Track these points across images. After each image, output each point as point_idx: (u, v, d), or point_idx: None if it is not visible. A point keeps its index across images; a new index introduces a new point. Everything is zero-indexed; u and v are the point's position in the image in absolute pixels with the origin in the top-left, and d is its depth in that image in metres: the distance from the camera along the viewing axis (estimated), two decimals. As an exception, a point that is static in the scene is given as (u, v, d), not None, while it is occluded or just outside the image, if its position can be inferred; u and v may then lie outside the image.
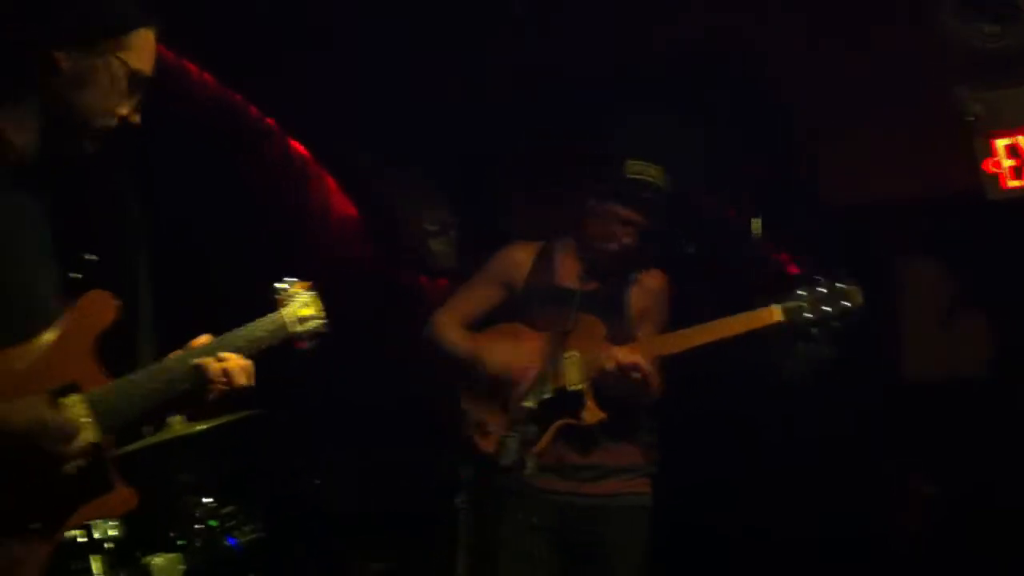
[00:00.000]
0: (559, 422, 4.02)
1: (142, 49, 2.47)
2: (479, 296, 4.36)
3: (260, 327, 2.69)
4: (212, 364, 2.54)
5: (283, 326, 2.73)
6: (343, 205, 6.47)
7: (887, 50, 5.08)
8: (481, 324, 4.35)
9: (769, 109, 5.65)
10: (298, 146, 6.22)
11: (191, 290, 5.01)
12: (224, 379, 2.54)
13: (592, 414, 4.04)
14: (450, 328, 4.30)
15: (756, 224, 5.82)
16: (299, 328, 2.75)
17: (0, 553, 2.33)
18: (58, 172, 2.52)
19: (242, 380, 2.57)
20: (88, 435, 2.39)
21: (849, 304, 3.82)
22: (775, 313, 3.84)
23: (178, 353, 2.59)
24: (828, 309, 3.82)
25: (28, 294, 2.41)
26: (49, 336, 2.42)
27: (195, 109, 5.50)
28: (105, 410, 2.44)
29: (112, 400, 2.46)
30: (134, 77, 2.46)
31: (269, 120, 6.02)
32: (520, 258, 4.34)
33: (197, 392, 2.55)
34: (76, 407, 2.40)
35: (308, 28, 5.31)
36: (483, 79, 5.80)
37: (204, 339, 2.61)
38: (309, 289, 2.81)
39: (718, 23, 5.32)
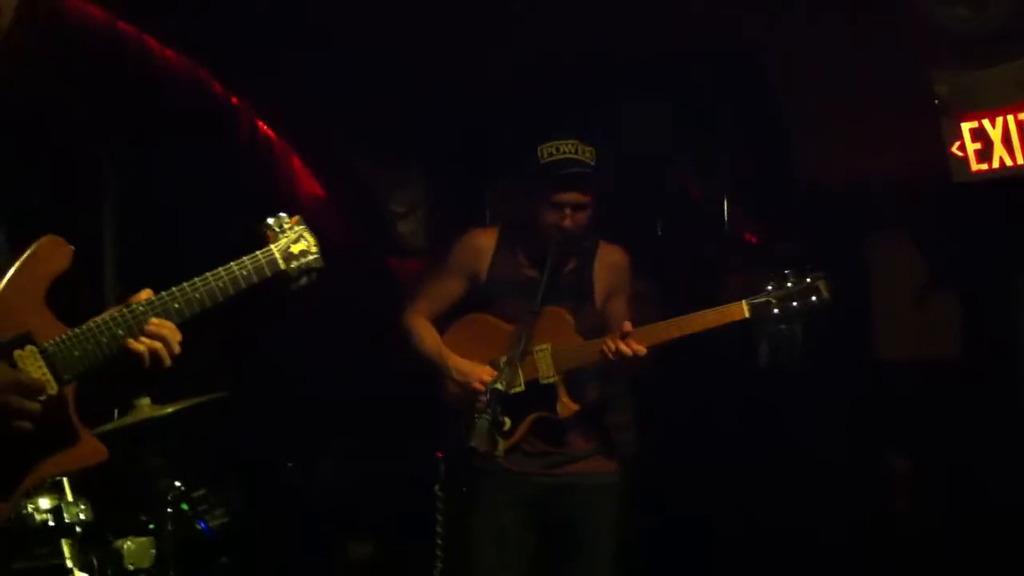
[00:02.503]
0: (533, 415, 4.01)
1: None
2: (444, 289, 4.27)
3: (246, 264, 2.51)
4: (136, 346, 2.39)
5: (273, 262, 2.54)
6: (310, 185, 6.40)
7: (865, 29, 5.08)
8: (450, 315, 4.27)
9: (746, 87, 5.64)
10: (264, 126, 6.14)
11: (157, 265, 4.94)
12: (150, 359, 2.40)
13: (566, 407, 4.02)
14: (420, 326, 4.24)
15: (725, 203, 5.83)
16: (292, 264, 2.56)
17: None
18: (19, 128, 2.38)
19: (165, 354, 2.41)
20: (47, 388, 2.30)
21: (815, 299, 3.87)
22: (743, 309, 3.88)
23: (119, 308, 2.43)
24: (795, 304, 3.87)
25: None
26: None
27: (157, 86, 5.40)
28: (60, 361, 2.34)
29: (67, 351, 2.35)
30: None
31: (234, 99, 5.94)
32: (481, 245, 4.24)
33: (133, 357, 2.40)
34: (30, 359, 2.31)
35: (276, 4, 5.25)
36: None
37: (145, 294, 2.45)
38: (300, 224, 2.61)
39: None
